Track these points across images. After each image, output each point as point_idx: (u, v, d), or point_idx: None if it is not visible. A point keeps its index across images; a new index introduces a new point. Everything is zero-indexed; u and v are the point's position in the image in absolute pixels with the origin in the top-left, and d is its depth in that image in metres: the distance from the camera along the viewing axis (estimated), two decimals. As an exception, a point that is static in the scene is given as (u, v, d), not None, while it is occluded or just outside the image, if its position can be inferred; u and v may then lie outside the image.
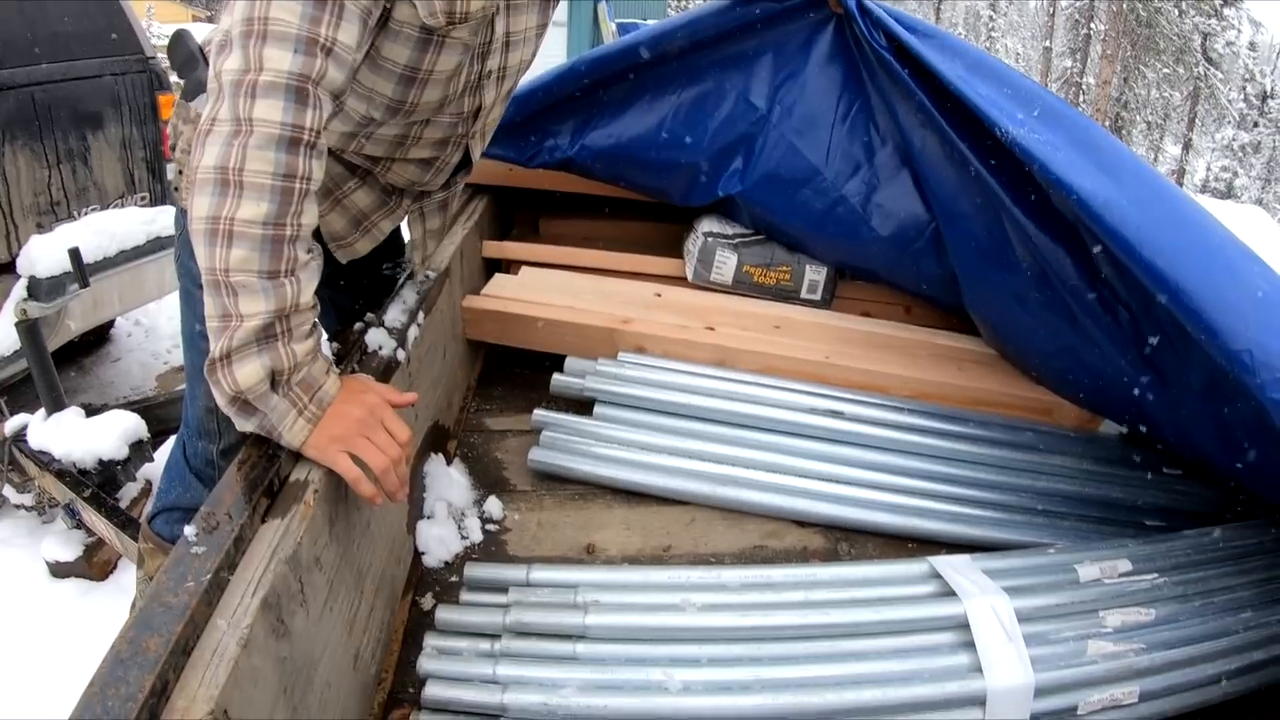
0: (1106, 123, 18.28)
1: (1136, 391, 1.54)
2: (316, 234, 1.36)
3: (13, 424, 2.71)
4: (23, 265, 2.84)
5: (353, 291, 1.61)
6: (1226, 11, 18.82)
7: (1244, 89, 30.31)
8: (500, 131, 2.06)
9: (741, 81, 1.92)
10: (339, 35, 1.00)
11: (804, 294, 1.96)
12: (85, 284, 2.61)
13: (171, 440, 2.82)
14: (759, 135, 1.90)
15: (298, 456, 1.05)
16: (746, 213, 1.96)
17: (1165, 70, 18.84)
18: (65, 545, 2.73)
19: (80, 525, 2.65)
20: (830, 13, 1.84)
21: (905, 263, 1.83)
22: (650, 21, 15.66)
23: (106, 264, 3.05)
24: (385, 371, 1.32)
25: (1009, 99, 1.55)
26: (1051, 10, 19.69)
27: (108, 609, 2.54)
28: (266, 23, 0.96)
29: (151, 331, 4.28)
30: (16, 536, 2.97)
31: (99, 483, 2.56)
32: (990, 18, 43.23)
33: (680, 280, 2.04)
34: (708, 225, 1.99)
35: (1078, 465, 1.67)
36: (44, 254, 2.83)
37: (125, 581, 2.66)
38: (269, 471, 1.02)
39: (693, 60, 1.94)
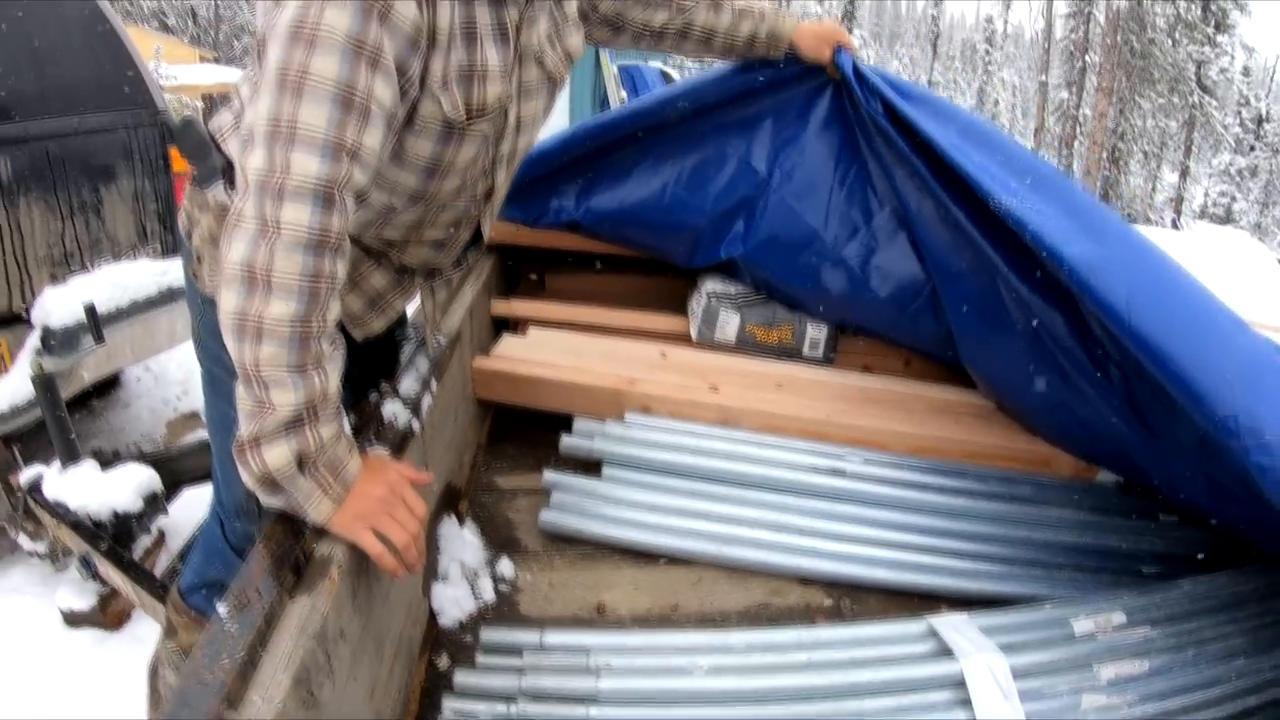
0: (1104, 154, 18.43)
1: (1129, 445, 1.60)
2: None
3: (28, 475, 2.74)
4: (37, 316, 2.95)
5: (361, 360, 1.66)
6: (1219, 38, 19.03)
7: (1239, 113, 30.54)
8: (508, 193, 2.14)
9: (742, 146, 1.99)
10: (364, 139, 1.04)
11: (806, 351, 2.02)
12: (100, 340, 2.66)
13: (189, 491, 2.92)
14: (760, 199, 1.96)
15: (321, 531, 1.10)
16: (748, 274, 2.02)
17: (1160, 100, 19.02)
18: (80, 595, 2.76)
19: (96, 577, 2.69)
20: (828, 79, 1.91)
21: (903, 321, 1.89)
22: (653, 64, 15.76)
23: (119, 315, 3.12)
24: (401, 443, 1.36)
25: (1001, 166, 1.62)
26: (1046, 46, 19.90)
27: (122, 659, 2.57)
28: (294, 126, 1.00)
29: (161, 377, 4.32)
30: (30, 584, 3.00)
31: (114, 535, 2.59)
32: (986, 51, 43.66)
33: (685, 338, 2.10)
34: (711, 285, 2.04)
35: (1074, 515, 1.71)
36: (58, 305, 2.94)
37: (140, 632, 2.68)
38: (294, 548, 1.07)
39: (695, 125, 2.02)
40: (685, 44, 1.81)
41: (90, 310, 2.63)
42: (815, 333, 2.01)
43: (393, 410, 1.41)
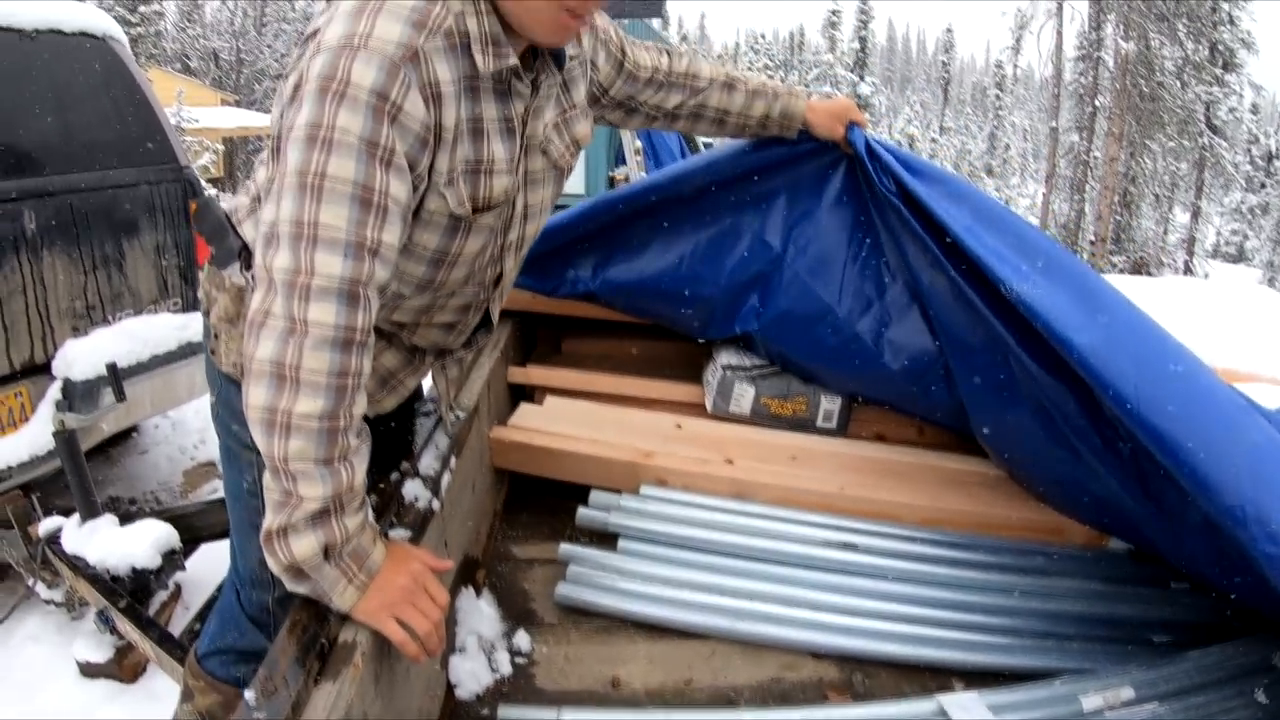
0: (1115, 199, 18.48)
1: (1138, 518, 1.62)
2: None
3: (47, 526, 2.77)
4: (59, 368, 3.00)
5: (380, 433, 1.69)
6: (1228, 78, 19.14)
7: (1249, 151, 30.63)
8: (525, 263, 2.18)
9: (757, 221, 2.02)
10: (384, 236, 1.08)
11: (819, 423, 2.04)
12: (122, 398, 2.70)
13: (207, 547, 2.93)
14: (774, 274, 2.00)
15: (345, 617, 1.12)
16: (763, 347, 2.05)
17: (1170, 143, 19.10)
18: (96, 647, 2.77)
19: (113, 631, 2.70)
20: (842, 153, 1.95)
21: (917, 394, 1.91)
22: None
23: (139, 369, 3.16)
24: (422, 524, 1.39)
25: (1013, 249, 1.65)
26: (1056, 92, 20.03)
27: (137, 712, 2.58)
28: (316, 228, 1.04)
29: (179, 425, 4.37)
30: (46, 633, 3.01)
31: (131, 590, 2.61)
32: (997, 96, 44.01)
33: (700, 408, 2.13)
34: (726, 358, 2.07)
35: (1086, 585, 1.72)
36: (79, 357, 2.99)
37: (155, 687, 2.70)
38: (319, 634, 1.10)
39: (710, 200, 2.05)
40: (699, 125, 1.84)
41: (112, 368, 2.67)
42: (829, 404, 2.03)
43: (413, 491, 1.45)
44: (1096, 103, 19.44)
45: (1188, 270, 19.88)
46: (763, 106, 1.84)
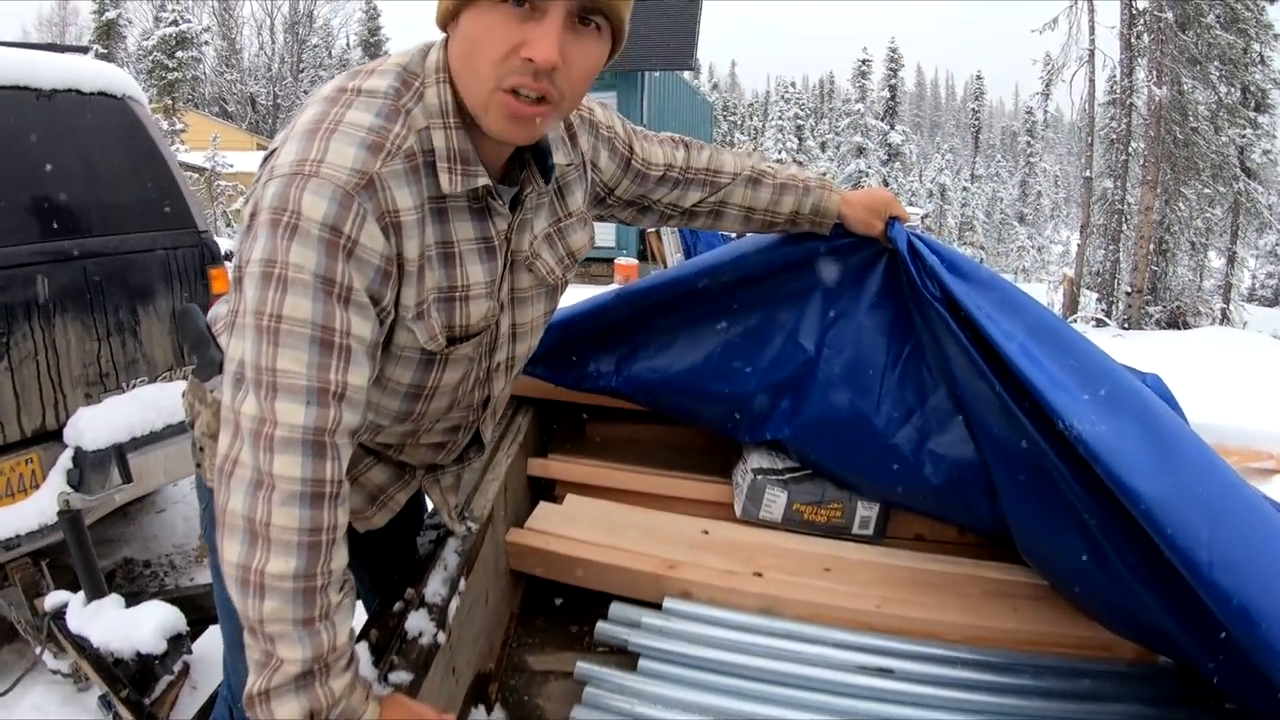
0: (1151, 248, 18.21)
1: (1190, 650, 1.45)
2: None
3: (53, 601, 2.71)
4: (70, 436, 2.95)
5: (381, 556, 1.59)
6: (1260, 120, 18.91)
7: (1283, 192, 30.21)
8: (543, 354, 2.06)
9: (790, 320, 1.90)
10: (349, 379, 1.00)
11: (855, 529, 1.91)
12: (128, 480, 2.64)
13: (214, 627, 2.85)
14: (807, 378, 1.86)
15: None
16: (795, 452, 1.93)
17: (1205, 189, 18.86)
18: None
19: (116, 716, 2.62)
20: (881, 250, 1.82)
21: (959, 508, 1.78)
22: None
23: (153, 438, 3.11)
24: (426, 661, 1.29)
25: (1072, 373, 1.50)
26: (1089, 140, 19.85)
27: (134, 802, 2.48)
28: (275, 374, 0.97)
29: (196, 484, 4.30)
30: (51, 704, 2.94)
31: (136, 673, 2.53)
32: (1028, 142, 43.96)
33: (729, 509, 2.00)
34: (757, 460, 1.95)
35: (1136, 709, 1.57)
36: (91, 426, 2.94)
37: (154, 777, 2.59)
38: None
39: (740, 295, 1.93)
40: (721, 223, 1.70)
41: (118, 450, 2.61)
42: (866, 511, 1.90)
43: (417, 625, 1.35)
44: (1130, 149, 19.25)
45: (1224, 318, 19.47)
46: (792, 202, 1.70)
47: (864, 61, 36.46)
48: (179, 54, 26.00)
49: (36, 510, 2.86)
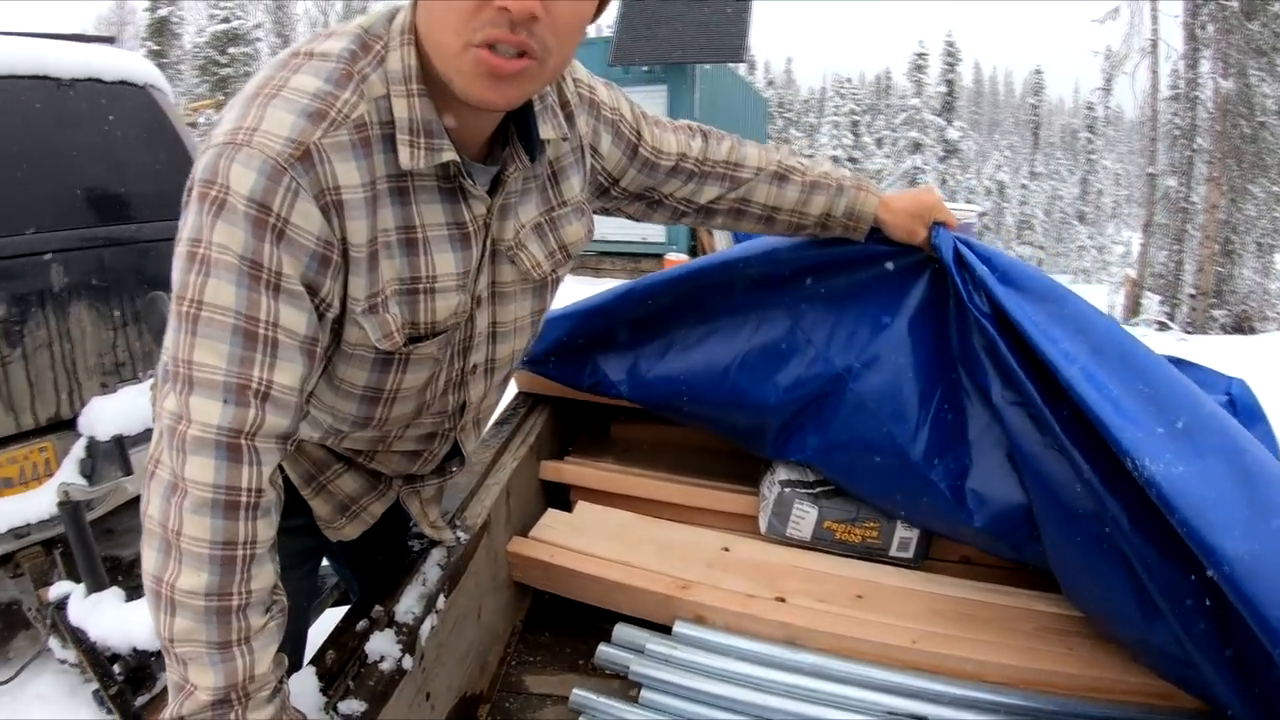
0: (1216, 247, 17.52)
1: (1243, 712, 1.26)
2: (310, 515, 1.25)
3: (56, 591, 2.66)
4: (84, 424, 2.88)
5: (374, 565, 1.46)
6: (1330, 111, 18.11)
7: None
8: (555, 354, 1.92)
9: (819, 333, 1.69)
10: (275, 376, 0.89)
11: (894, 552, 1.71)
12: (129, 471, 2.57)
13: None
14: (835, 397, 1.66)
15: None
16: (824, 471, 1.74)
17: (1274, 187, 18.11)
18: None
19: (111, 711, 2.55)
20: (925, 258, 1.62)
21: (1002, 547, 1.58)
22: None
23: (162, 430, 3.05)
24: (387, 687, 1.16)
25: (1145, 401, 1.29)
26: (1153, 135, 19.13)
27: (128, 793, 2.41)
28: (191, 366, 0.87)
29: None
30: (57, 693, 2.92)
31: (133, 668, 2.45)
32: (1088, 138, 42.78)
33: (753, 521, 1.83)
34: (785, 471, 1.76)
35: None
36: (105, 415, 2.86)
37: (150, 774, 2.53)
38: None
39: (764, 298, 1.74)
40: (742, 222, 1.51)
41: (119, 441, 2.53)
42: (905, 532, 1.69)
43: (380, 647, 1.20)
44: (1194, 145, 18.54)
45: (1292, 323, 18.68)
46: (822, 203, 1.51)
47: (920, 56, 35.77)
48: (230, 50, 26.43)
49: (49, 499, 2.82)
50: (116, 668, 2.34)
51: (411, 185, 0.98)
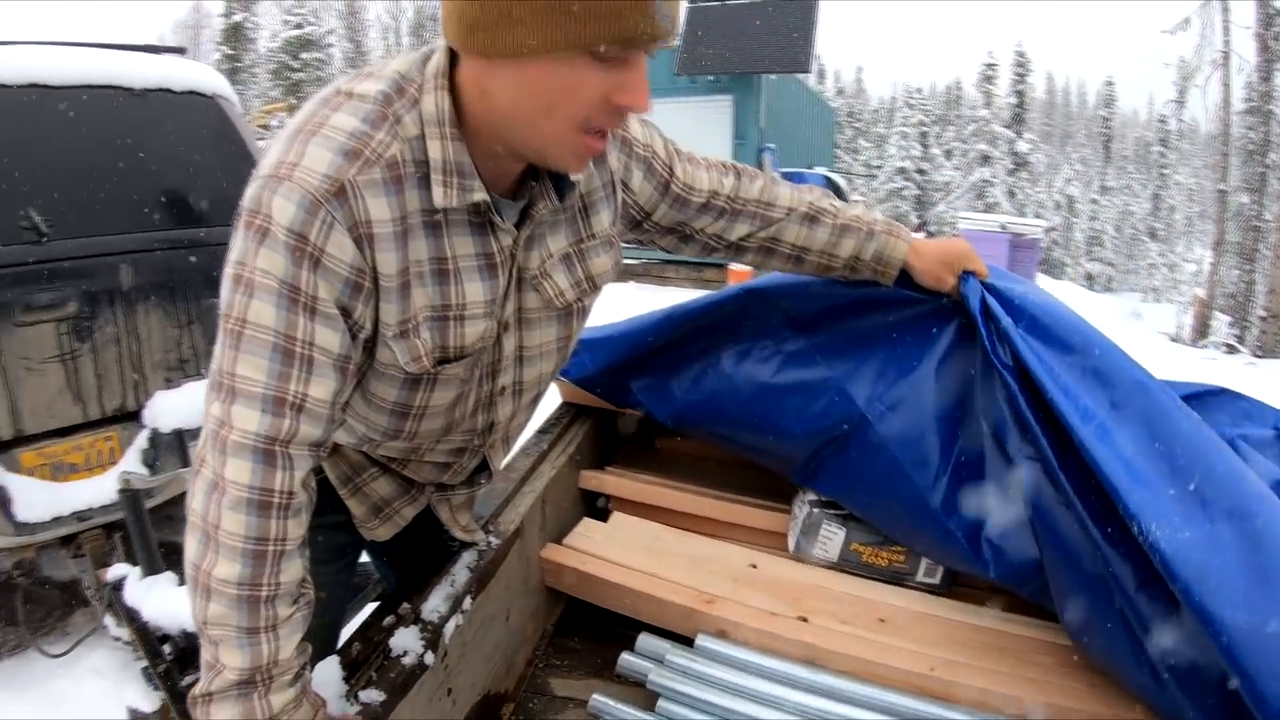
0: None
1: None
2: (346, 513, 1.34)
3: (114, 572, 2.78)
4: (148, 417, 3.04)
5: (407, 560, 1.54)
6: None
7: None
8: (598, 373, 1.98)
9: (845, 371, 1.69)
10: (309, 390, 0.97)
11: (920, 577, 1.71)
12: (187, 464, 2.67)
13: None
14: (858, 438, 1.66)
15: None
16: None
17: (1353, 203, 17.47)
18: (147, 697, 2.69)
19: (158, 688, 2.66)
20: (955, 307, 1.61)
21: (1022, 593, 1.57)
22: (818, 170, 15.61)
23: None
24: (407, 680, 1.23)
25: (1160, 462, 1.27)
26: (1225, 150, 18.51)
27: (170, 765, 2.53)
28: (234, 379, 0.96)
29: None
30: (110, 668, 3.06)
31: (182, 649, 2.55)
32: (1160, 152, 41.56)
33: (783, 539, 1.85)
34: (815, 491, 1.78)
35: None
36: (168, 409, 3.02)
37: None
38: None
39: (796, 333, 1.76)
40: (771, 260, 1.55)
41: (179, 436, 2.65)
42: (932, 558, 1.70)
43: (403, 643, 1.28)
44: (1267, 160, 17.91)
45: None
46: (852, 245, 1.54)
47: (989, 66, 35.14)
48: (303, 55, 27.11)
49: (111, 485, 2.94)
50: (166, 647, 2.45)
51: (445, 220, 1.05)
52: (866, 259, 1.56)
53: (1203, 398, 1.73)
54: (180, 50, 4.00)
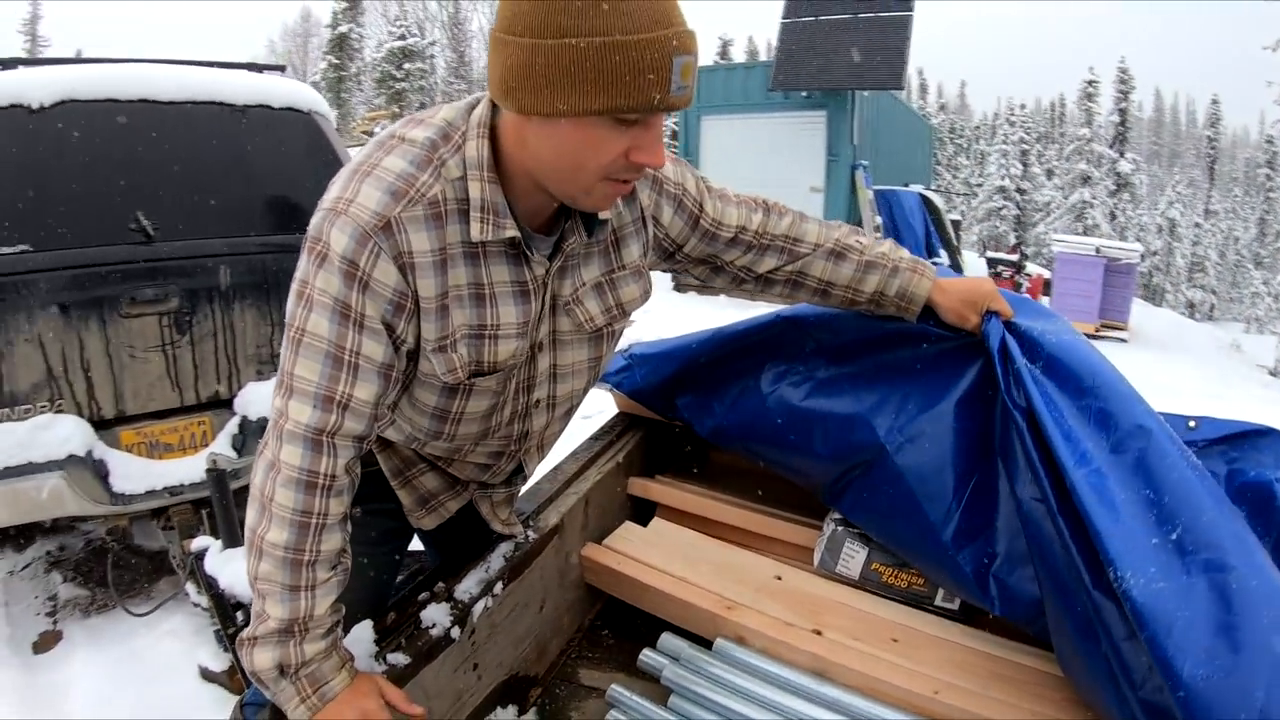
0: None
1: None
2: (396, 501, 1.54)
3: (197, 543, 3.00)
4: (238, 405, 3.41)
5: (452, 546, 1.69)
6: None
7: None
8: (649, 387, 2.12)
9: (867, 402, 1.76)
10: (355, 392, 1.14)
11: (939, 601, 1.76)
12: None
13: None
14: (877, 466, 1.72)
15: None
16: None
17: None
18: (216, 657, 3.03)
19: (227, 650, 2.87)
20: (980, 345, 1.65)
21: (1028, 630, 1.60)
22: (914, 188, 15.38)
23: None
24: (432, 650, 1.40)
25: (1147, 510, 1.29)
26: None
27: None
28: (292, 378, 1.13)
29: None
30: (186, 631, 3.32)
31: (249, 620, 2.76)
32: (1268, 175, 39.52)
33: (811, 554, 1.92)
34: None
35: None
36: (257, 399, 3.39)
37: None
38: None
39: (826, 361, 1.85)
40: (798, 294, 1.65)
41: (263, 421, 2.84)
42: (951, 584, 1.76)
43: (433, 616, 1.44)
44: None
45: None
46: (876, 281, 1.63)
47: (1090, 83, 33.94)
48: (406, 65, 27.92)
49: (200, 465, 3.21)
50: (239, 615, 2.65)
51: (483, 251, 1.20)
52: (890, 295, 1.64)
53: (1249, 438, 1.72)
54: (280, 68, 4.26)
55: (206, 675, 3.00)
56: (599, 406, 2.32)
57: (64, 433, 3.00)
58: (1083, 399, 1.48)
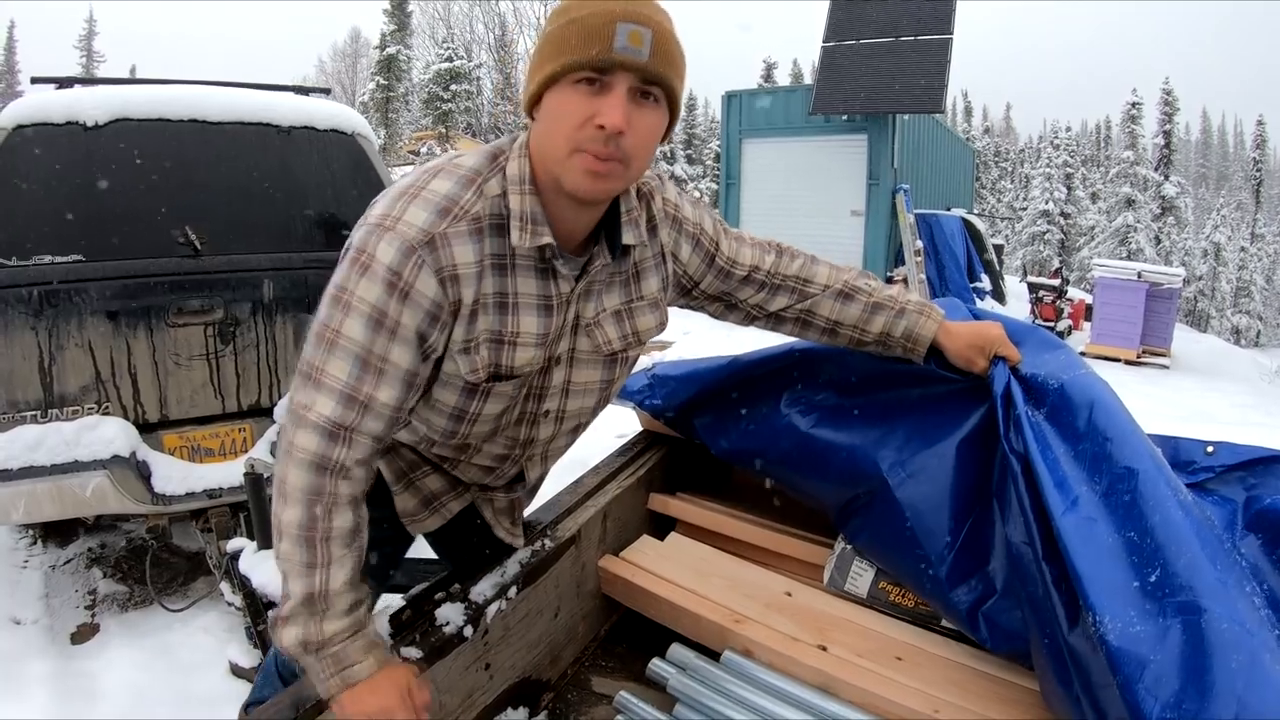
0: None
1: None
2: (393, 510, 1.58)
3: (233, 544, 3.11)
4: (279, 413, 3.47)
5: (457, 550, 1.78)
6: None
7: None
8: (672, 407, 2.20)
9: (872, 435, 1.82)
10: (377, 394, 1.22)
11: (944, 621, 1.77)
12: None
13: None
14: (879, 498, 1.77)
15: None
16: None
17: None
18: (246, 654, 3.11)
19: (257, 646, 2.96)
20: (985, 389, 1.69)
21: (1021, 664, 1.63)
22: (956, 212, 15.25)
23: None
24: (443, 648, 1.46)
25: (1131, 553, 1.30)
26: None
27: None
28: (322, 374, 1.21)
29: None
30: (219, 627, 3.42)
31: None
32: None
33: (820, 572, 1.97)
34: (851, 529, 1.92)
35: None
36: None
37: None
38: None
39: (834, 395, 1.91)
40: (808, 332, 1.71)
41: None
42: (957, 603, 1.79)
43: (447, 615, 1.51)
44: None
45: None
46: (882, 323, 1.69)
47: (1134, 105, 33.49)
48: (453, 87, 28.35)
49: (239, 470, 3.30)
50: (270, 612, 2.74)
51: (511, 263, 1.29)
52: (897, 335, 1.71)
53: (1269, 464, 1.72)
54: (326, 91, 4.40)
55: (236, 671, 3.09)
56: (632, 425, 2.43)
57: (109, 434, 3.14)
58: (1080, 443, 1.51)
